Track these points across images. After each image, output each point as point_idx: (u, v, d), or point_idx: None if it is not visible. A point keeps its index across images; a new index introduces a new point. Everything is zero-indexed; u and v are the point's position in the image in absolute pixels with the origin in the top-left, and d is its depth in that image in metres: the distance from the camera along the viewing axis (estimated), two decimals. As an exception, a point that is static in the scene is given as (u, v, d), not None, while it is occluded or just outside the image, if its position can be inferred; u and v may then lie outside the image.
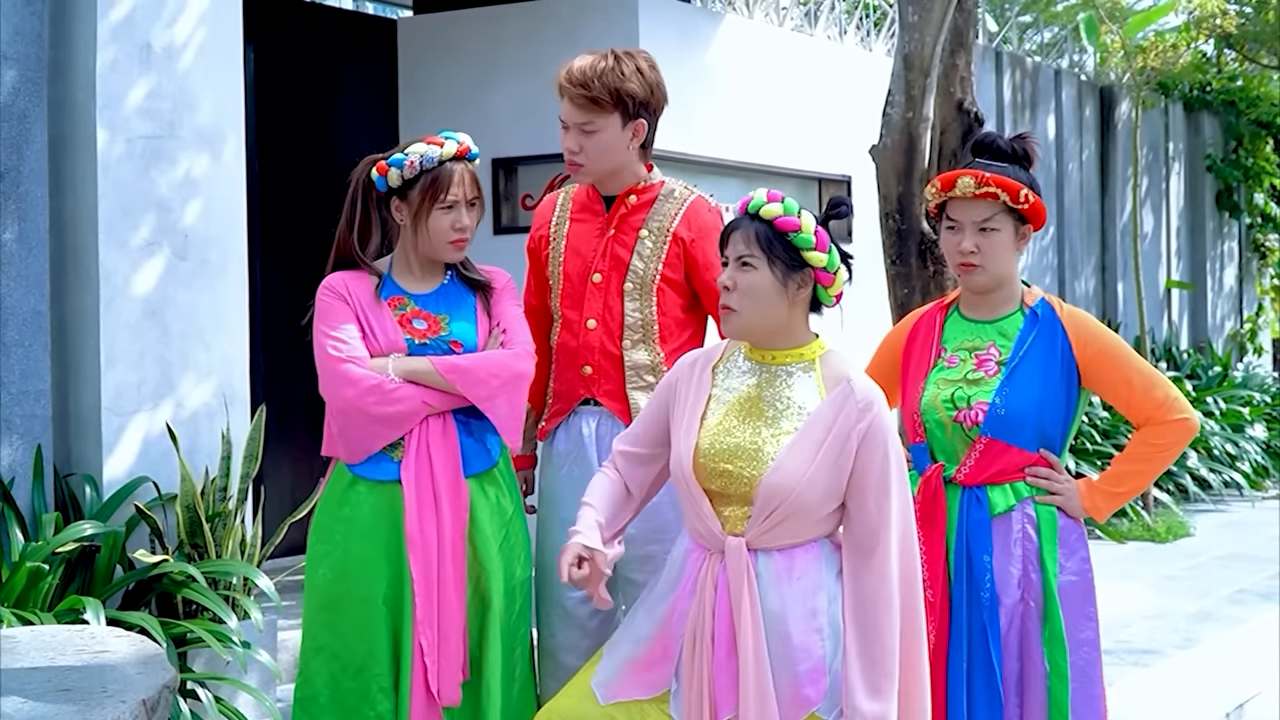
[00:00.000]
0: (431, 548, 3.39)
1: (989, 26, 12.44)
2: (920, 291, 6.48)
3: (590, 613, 3.73)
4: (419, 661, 3.37)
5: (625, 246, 3.71)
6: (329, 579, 3.45)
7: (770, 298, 2.99)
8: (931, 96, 6.57)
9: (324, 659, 3.43)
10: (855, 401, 2.95)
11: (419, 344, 3.46)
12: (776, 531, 2.95)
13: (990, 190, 3.35)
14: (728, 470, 2.96)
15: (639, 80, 3.65)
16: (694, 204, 3.76)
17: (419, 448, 3.42)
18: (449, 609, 3.38)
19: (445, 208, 3.46)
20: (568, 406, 3.76)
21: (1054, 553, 3.35)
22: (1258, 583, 8.04)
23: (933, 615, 3.33)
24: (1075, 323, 3.42)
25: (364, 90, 7.99)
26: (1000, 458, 3.36)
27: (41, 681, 2.90)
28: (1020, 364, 3.37)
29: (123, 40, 5.07)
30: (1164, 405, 3.39)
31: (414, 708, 3.36)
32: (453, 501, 3.41)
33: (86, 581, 4.80)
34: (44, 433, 4.96)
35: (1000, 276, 3.43)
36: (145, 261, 5.14)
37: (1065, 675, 3.29)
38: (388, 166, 3.46)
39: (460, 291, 3.58)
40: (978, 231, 3.39)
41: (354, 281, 3.52)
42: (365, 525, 3.43)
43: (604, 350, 3.70)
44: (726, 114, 7.99)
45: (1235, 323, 16.49)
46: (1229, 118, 16.05)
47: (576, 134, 3.67)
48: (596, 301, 3.71)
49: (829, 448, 2.92)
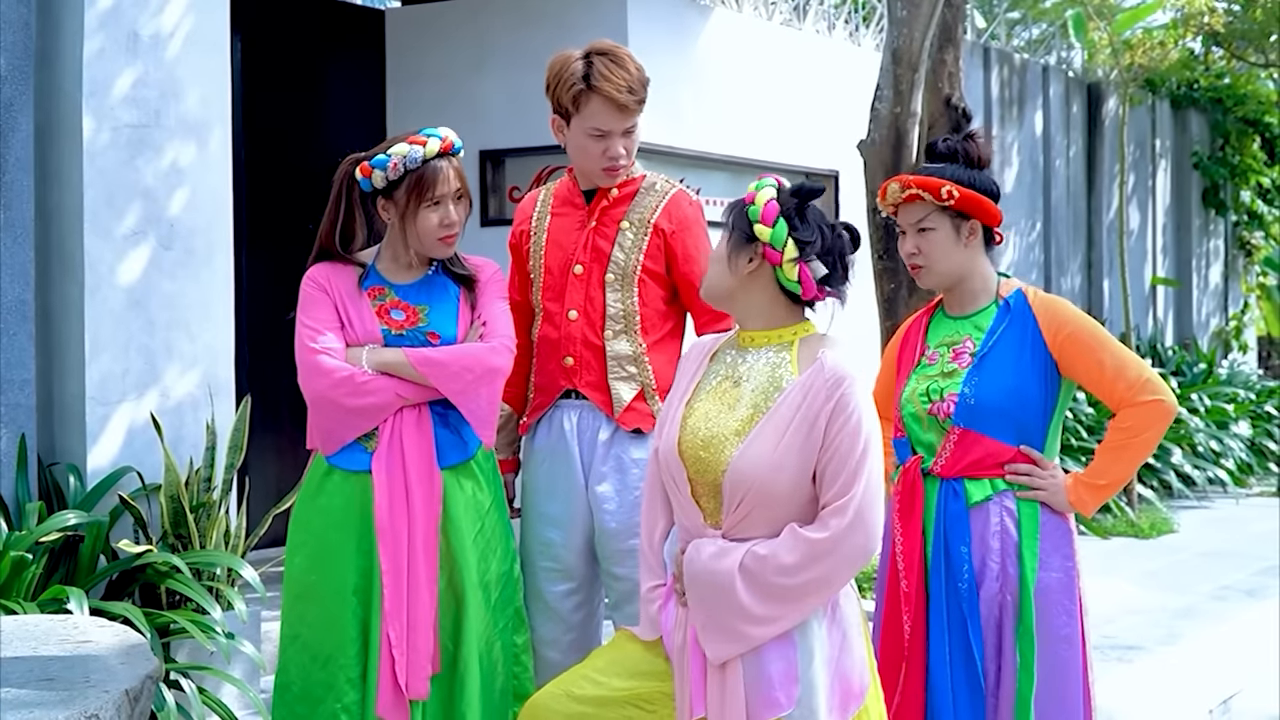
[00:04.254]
0: (401, 539, 3.38)
1: (977, 22, 12.45)
2: (907, 286, 6.49)
3: (574, 606, 3.74)
4: (386, 653, 3.35)
5: (606, 238, 3.72)
6: (303, 568, 3.45)
7: (718, 265, 3.01)
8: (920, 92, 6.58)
9: (297, 648, 3.44)
10: (824, 379, 2.85)
11: (395, 334, 3.45)
12: (749, 522, 2.87)
13: (913, 192, 3.42)
14: (702, 457, 2.93)
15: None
16: (675, 197, 3.77)
17: (391, 439, 3.41)
18: (418, 601, 3.37)
19: (432, 205, 3.44)
20: (549, 400, 3.75)
21: (1034, 548, 3.34)
22: (1241, 579, 8.07)
23: (908, 605, 3.34)
24: (1046, 309, 3.42)
25: (351, 82, 7.98)
26: (974, 448, 3.36)
27: (24, 671, 2.89)
28: (989, 354, 3.39)
29: (110, 28, 5.06)
30: (1136, 386, 3.36)
31: (381, 700, 3.34)
32: (425, 494, 3.40)
33: (70, 571, 4.79)
34: (28, 422, 4.95)
35: (949, 274, 3.46)
36: (130, 251, 5.12)
37: (1032, 671, 3.29)
38: (371, 169, 3.44)
39: (443, 283, 3.56)
40: (916, 233, 3.46)
41: (336, 273, 3.51)
42: (338, 515, 3.43)
43: (585, 341, 3.71)
44: (714, 107, 7.99)
45: (1221, 320, 16.55)
46: (1216, 115, 16.09)
47: (621, 139, 3.69)
48: (578, 293, 3.72)
49: (796, 429, 2.84)
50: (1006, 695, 3.32)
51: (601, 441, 3.69)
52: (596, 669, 3.07)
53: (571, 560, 3.72)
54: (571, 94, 3.63)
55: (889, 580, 3.41)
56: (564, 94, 3.65)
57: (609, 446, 3.68)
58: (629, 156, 3.72)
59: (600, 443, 3.69)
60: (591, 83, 3.61)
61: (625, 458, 3.67)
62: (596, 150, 3.66)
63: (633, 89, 3.64)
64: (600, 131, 3.65)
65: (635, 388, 3.69)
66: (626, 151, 3.70)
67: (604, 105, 3.62)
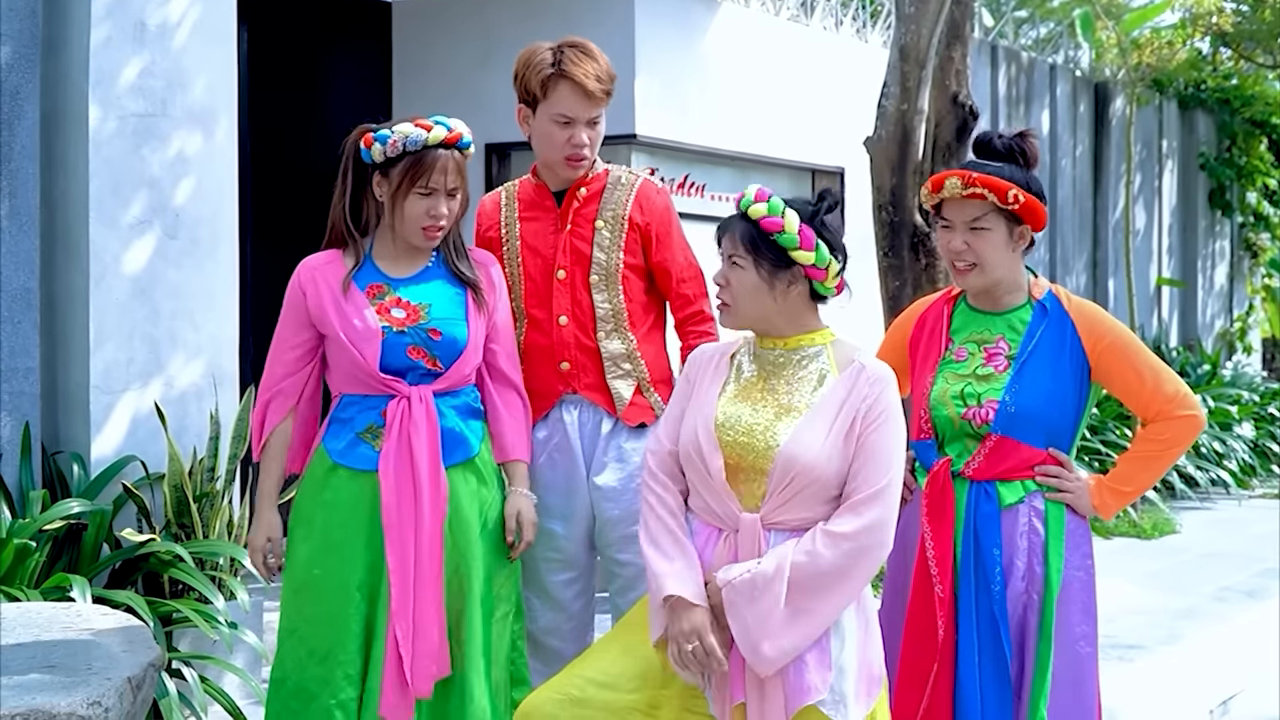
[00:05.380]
0: (409, 539, 3.37)
1: (985, 20, 12.44)
2: (912, 284, 6.49)
3: (574, 595, 3.75)
4: (393, 652, 3.34)
5: (584, 239, 3.73)
6: (305, 564, 3.44)
7: (758, 294, 3.04)
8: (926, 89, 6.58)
9: (294, 642, 3.42)
10: (868, 378, 2.99)
11: (397, 332, 3.42)
12: (792, 505, 2.95)
13: (978, 191, 3.35)
14: (744, 441, 2.99)
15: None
16: (643, 188, 3.79)
17: (400, 437, 3.40)
18: (425, 599, 3.37)
19: (423, 193, 3.42)
20: (548, 404, 3.76)
21: (1060, 549, 3.34)
22: (1242, 580, 8.07)
23: (943, 610, 3.33)
24: (1084, 316, 3.41)
25: (357, 73, 7.98)
26: (1010, 455, 3.35)
27: (27, 658, 2.90)
28: (1030, 359, 3.36)
29: (117, 17, 5.06)
30: (1174, 400, 3.38)
31: (385, 699, 3.34)
32: (432, 493, 3.39)
33: (73, 559, 4.79)
34: (32, 410, 4.96)
35: (997, 277, 3.41)
36: (136, 240, 5.13)
37: (1047, 672, 3.29)
38: (373, 140, 3.42)
39: (446, 280, 3.53)
40: (968, 230, 3.39)
41: (326, 270, 3.49)
42: (344, 512, 3.42)
43: (579, 344, 3.72)
44: (721, 103, 7.98)
45: (1225, 321, 16.53)
46: (1223, 116, 16.07)
47: (586, 128, 3.70)
48: (565, 297, 3.73)
49: (840, 423, 2.95)
50: (1026, 693, 3.33)
51: (603, 434, 3.71)
52: (600, 670, 3.05)
53: (573, 551, 3.73)
54: (540, 78, 3.66)
55: (917, 582, 3.37)
56: (533, 80, 3.67)
57: (610, 438, 3.70)
58: (592, 149, 3.73)
59: (602, 435, 3.71)
60: (561, 68, 3.64)
61: (626, 447, 3.69)
62: (561, 138, 3.67)
63: (600, 79, 3.66)
64: (566, 118, 3.66)
65: (632, 383, 3.71)
66: (590, 142, 3.71)
67: (572, 91, 3.64)
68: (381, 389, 3.41)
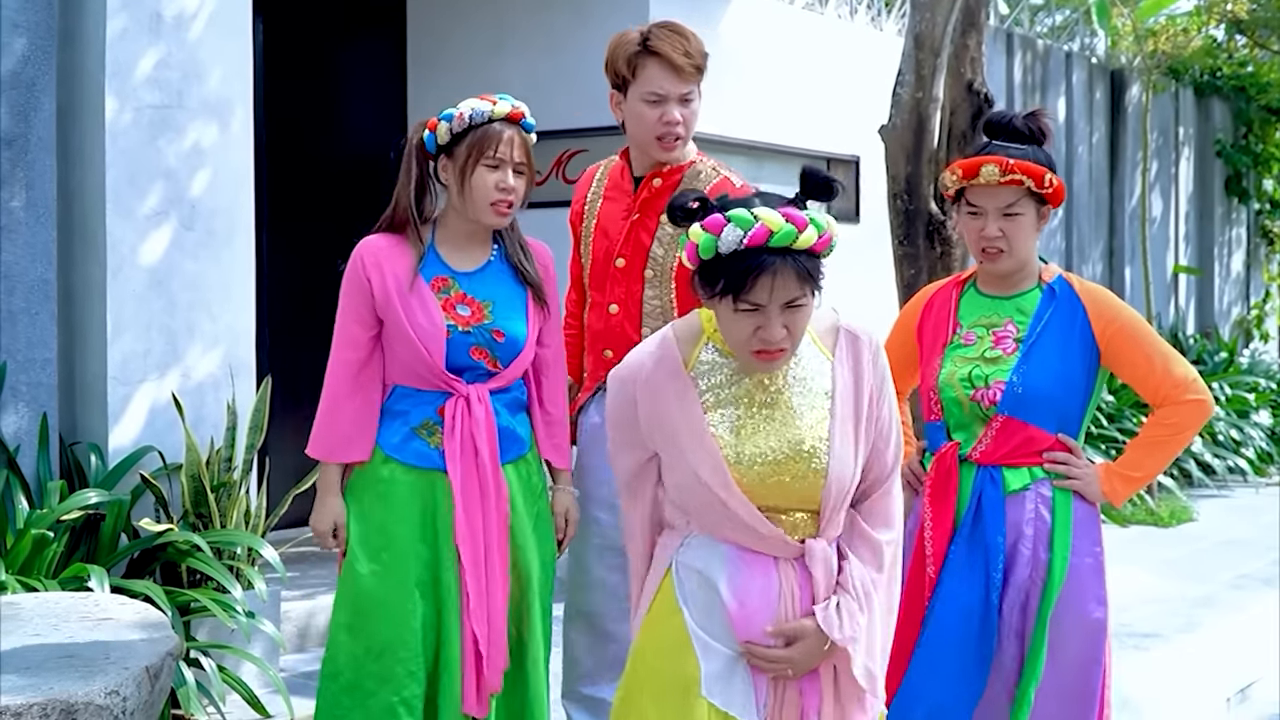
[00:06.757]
0: (479, 538, 3.36)
1: (1000, 8, 12.39)
2: (927, 271, 6.47)
3: (622, 579, 3.70)
4: (470, 650, 3.34)
5: (648, 231, 3.69)
6: (362, 559, 3.39)
7: (809, 319, 2.70)
8: (942, 77, 6.56)
9: (349, 637, 3.38)
10: (864, 347, 2.74)
11: (462, 331, 3.38)
12: (838, 519, 2.74)
13: (1016, 178, 3.32)
14: (782, 482, 2.68)
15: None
16: (718, 187, 3.68)
17: (463, 438, 3.37)
18: (495, 597, 3.37)
19: (491, 164, 3.36)
20: (596, 383, 3.78)
21: (1066, 536, 3.33)
22: (1260, 568, 8.05)
23: (930, 591, 3.33)
24: (1094, 299, 3.40)
25: (372, 64, 7.98)
26: (1016, 436, 3.34)
27: (45, 648, 2.91)
28: (1038, 341, 3.35)
29: (133, 9, 5.07)
30: (1182, 385, 3.37)
31: (467, 695, 3.34)
32: (496, 490, 3.39)
33: (91, 549, 4.81)
34: (50, 401, 4.97)
35: (1023, 258, 3.41)
36: (152, 231, 5.14)
37: (1040, 656, 3.29)
38: (438, 121, 3.40)
39: (507, 276, 3.48)
40: (1001, 217, 3.36)
41: (391, 256, 3.41)
42: (402, 509, 3.39)
43: (625, 336, 3.69)
44: (735, 92, 7.97)
45: (1242, 309, 16.47)
46: (1239, 103, 16.00)
47: (679, 105, 3.66)
48: (619, 287, 3.70)
49: (862, 418, 2.73)
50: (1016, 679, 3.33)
51: None
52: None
53: (619, 538, 3.74)
54: (628, 57, 3.63)
55: (912, 565, 3.36)
56: (621, 61, 3.65)
57: None
58: (686, 129, 3.68)
59: None
60: (648, 45, 3.62)
61: None
62: (653, 116, 3.63)
63: (689, 54, 3.64)
64: (656, 95, 3.63)
65: None
66: (683, 120, 3.66)
67: (661, 68, 3.62)
68: (441, 386, 3.39)
